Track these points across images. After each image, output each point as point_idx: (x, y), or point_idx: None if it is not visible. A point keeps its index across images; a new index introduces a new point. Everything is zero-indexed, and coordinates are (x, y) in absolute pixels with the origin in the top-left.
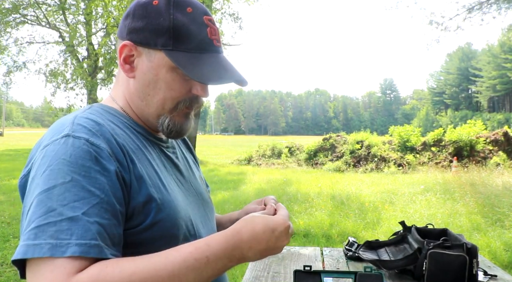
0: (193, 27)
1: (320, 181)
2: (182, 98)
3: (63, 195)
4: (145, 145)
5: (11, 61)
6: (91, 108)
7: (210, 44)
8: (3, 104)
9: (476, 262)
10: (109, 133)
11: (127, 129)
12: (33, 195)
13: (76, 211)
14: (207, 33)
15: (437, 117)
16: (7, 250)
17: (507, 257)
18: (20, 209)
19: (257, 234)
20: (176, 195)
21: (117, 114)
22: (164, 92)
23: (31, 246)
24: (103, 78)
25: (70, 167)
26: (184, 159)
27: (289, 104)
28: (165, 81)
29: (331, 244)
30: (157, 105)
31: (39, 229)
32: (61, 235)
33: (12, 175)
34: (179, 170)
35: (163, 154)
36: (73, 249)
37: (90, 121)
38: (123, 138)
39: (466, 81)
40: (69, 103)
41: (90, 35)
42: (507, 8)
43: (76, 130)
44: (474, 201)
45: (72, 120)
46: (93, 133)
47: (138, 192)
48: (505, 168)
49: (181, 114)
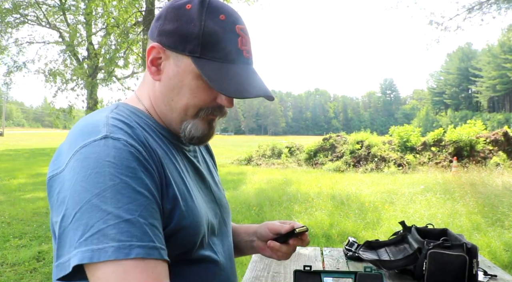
0: (224, 36)
1: (320, 181)
2: (205, 106)
3: (116, 197)
4: (170, 149)
5: (11, 61)
6: (118, 108)
7: (239, 54)
8: (3, 104)
9: (476, 262)
10: (143, 136)
11: (153, 133)
12: (81, 198)
13: (133, 213)
14: (237, 43)
15: (437, 117)
16: (7, 250)
17: (507, 257)
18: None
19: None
20: (199, 201)
21: (143, 116)
22: (187, 98)
23: (96, 250)
24: (104, 78)
25: (117, 169)
26: (205, 163)
27: (289, 104)
28: (189, 88)
29: (331, 244)
30: (179, 111)
31: (100, 233)
32: (122, 237)
33: (12, 175)
34: (200, 175)
35: (186, 158)
36: (136, 251)
37: (121, 123)
38: (152, 141)
39: (466, 81)
40: (70, 103)
41: (90, 35)
42: (507, 8)
43: (114, 131)
44: (474, 201)
45: (105, 121)
46: (129, 135)
47: (167, 197)
48: (505, 168)
49: (205, 121)
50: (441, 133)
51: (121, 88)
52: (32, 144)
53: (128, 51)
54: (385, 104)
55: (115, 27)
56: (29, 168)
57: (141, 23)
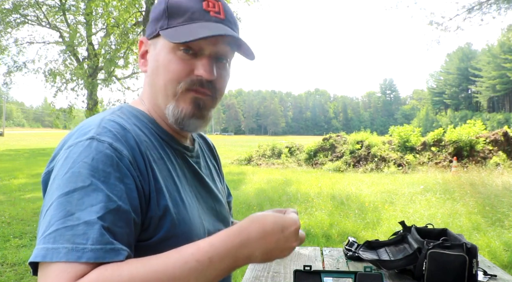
0: (187, 2)
1: (320, 181)
2: (181, 80)
3: (82, 199)
4: (168, 154)
5: (11, 61)
6: (120, 110)
7: (203, 14)
8: (3, 104)
9: (476, 262)
10: (133, 140)
11: (151, 136)
12: (53, 195)
13: (92, 215)
14: (202, 5)
15: (437, 117)
16: (7, 250)
17: (506, 257)
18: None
19: (266, 232)
20: (193, 210)
21: (144, 118)
22: (163, 75)
23: (50, 249)
24: (104, 78)
25: (90, 171)
26: (208, 169)
27: (289, 104)
28: (163, 64)
29: (331, 244)
30: (161, 93)
31: (57, 232)
32: (78, 239)
33: (12, 175)
34: (201, 181)
35: (186, 163)
36: (88, 255)
37: (116, 125)
38: (147, 146)
39: (466, 81)
40: (70, 103)
41: (90, 35)
42: (507, 8)
43: (101, 133)
44: (474, 201)
45: (98, 123)
46: (117, 139)
47: (156, 204)
48: (505, 168)
49: (187, 99)
50: (441, 134)
51: (121, 88)
52: (32, 143)
53: (128, 51)
54: (385, 104)
55: (115, 27)
56: (29, 168)
57: (141, 23)
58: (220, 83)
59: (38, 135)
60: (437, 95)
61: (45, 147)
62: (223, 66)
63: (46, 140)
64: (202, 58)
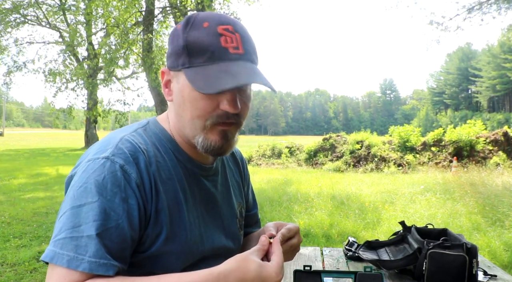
0: (205, 39)
1: (320, 181)
2: (209, 116)
3: (87, 214)
4: (180, 174)
5: (11, 61)
6: (145, 127)
7: (224, 52)
8: (3, 104)
9: (476, 262)
10: (144, 162)
11: (167, 155)
12: (67, 204)
13: (93, 231)
14: (219, 42)
15: (437, 117)
16: (7, 250)
17: (507, 257)
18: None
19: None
20: (193, 229)
21: (164, 137)
22: (190, 111)
23: (57, 253)
24: (104, 78)
25: (99, 189)
26: (225, 186)
27: (289, 104)
28: (189, 101)
29: (331, 244)
30: (189, 126)
31: (65, 240)
32: (79, 250)
33: (12, 175)
34: (211, 200)
35: (199, 183)
36: (84, 266)
37: (131, 147)
38: (158, 166)
39: (466, 81)
40: (70, 103)
41: (90, 35)
42: (507, 8)
43: (116, 154)
44: (474, 201)
45: (116, 142)
46: (129, 161)
47: (155, 223)
48: (505, 168)
49: (215, 132)
50: (441, 134)
51: (121, 88)
52: (32, 143)
53: (128, 51)
54: (385, 104)
55: (115, 27)
56: (29, 168)
57: (141, 23)
58: (244, 111)
59: (38, 136)
60: (437, 95)
61: (45, 147)
62: (246, 95)
63: (46, 140)
64: (226, 93)
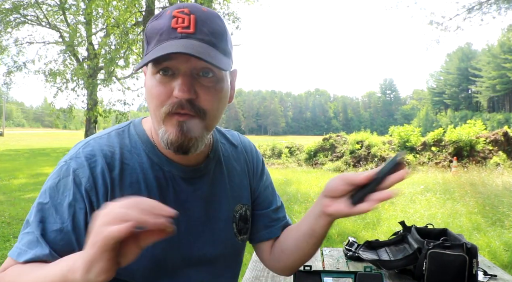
0: (159, 24)
1: (320, 181)
2: (164, 104)
3: (38, 213)
4: (152, 177)
5: (11, 61)
6: (123, 128)
7: (171, 32)
8: (3, 104)
9: (476, 262)
10: (102, 167)
11: (140, 158)
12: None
13: (40, 231)
14: (170, 23)
15: (437, 117)
16: (7, 250)
17: (507, 257)
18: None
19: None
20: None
21: (140, 139)
22: (150, 101)
23: (14, 247)
24: (104, 78)
25: (52, 191)
26: (217, 187)
27: (289, 105)
28: (149, 91)
29: (331, 244)
30: (153, 119)
31: (21, 236)
32: (27, 245)
33: (12, 175)
34: (193, 205)
35: (175, 187)
36: (25, 257)
37: (90, 151)
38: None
39: (466, 81)
40: (70, 103)
41: (90, 35)
42: (507, 8)
43: (73, 158)
44: (474, 201)
45: (80, 147)
46: (83, 165)
47: None
48: (505, 168)
49: (171, 123)
50: (441, 134)
51: (121, 88)
52: (32, 143)
53: (128, 52)
54: (385, 104)
55: (115, 27)
56: (29, 168)
57: (141, 23)
58: (204, 101)
59: (38, 136)
60: (437, 95)
61: (45, 147)
62: (209, 81)
63: (46, 140)
64: (178, 78)
